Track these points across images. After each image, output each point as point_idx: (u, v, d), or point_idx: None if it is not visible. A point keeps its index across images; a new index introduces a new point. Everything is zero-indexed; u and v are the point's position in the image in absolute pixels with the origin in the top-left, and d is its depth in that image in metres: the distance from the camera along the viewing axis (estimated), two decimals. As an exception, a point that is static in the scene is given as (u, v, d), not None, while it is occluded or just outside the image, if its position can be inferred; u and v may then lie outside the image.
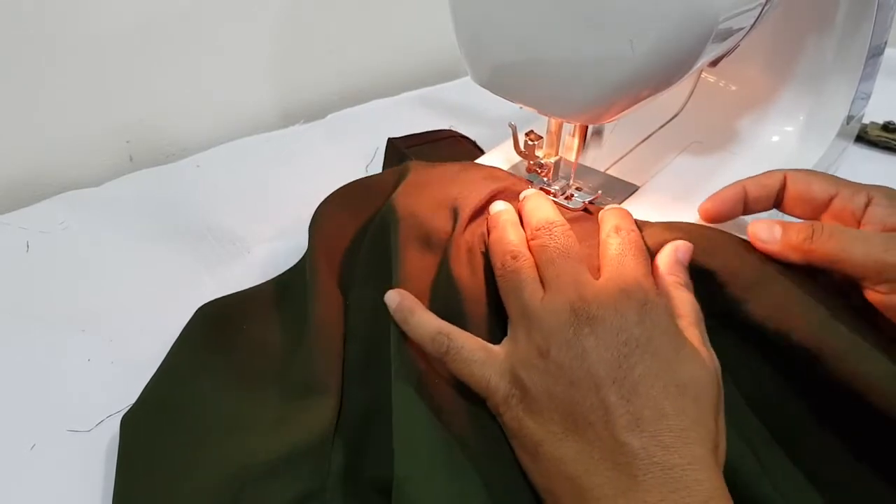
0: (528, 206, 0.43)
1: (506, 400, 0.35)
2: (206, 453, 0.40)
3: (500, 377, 0.36)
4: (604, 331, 0.35)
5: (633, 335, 0.35)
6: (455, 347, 0.37)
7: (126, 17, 0.64)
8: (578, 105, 0.40)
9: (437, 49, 0.85)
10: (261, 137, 0.71)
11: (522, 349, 0.36)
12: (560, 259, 0.39)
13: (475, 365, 0.37)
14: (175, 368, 0.45)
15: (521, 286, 0.38)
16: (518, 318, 0.37)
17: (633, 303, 0.36)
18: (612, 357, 0.34)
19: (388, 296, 0.40)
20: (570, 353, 0.35)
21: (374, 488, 0.38)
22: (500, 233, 0.41)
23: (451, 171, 0.47)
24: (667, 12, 0.34)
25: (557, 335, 0.35)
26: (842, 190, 0.42)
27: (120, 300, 0.52)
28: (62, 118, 0.65)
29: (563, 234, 0.40)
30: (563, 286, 0.37)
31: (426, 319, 0.38)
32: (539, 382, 0.35)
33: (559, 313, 0.36)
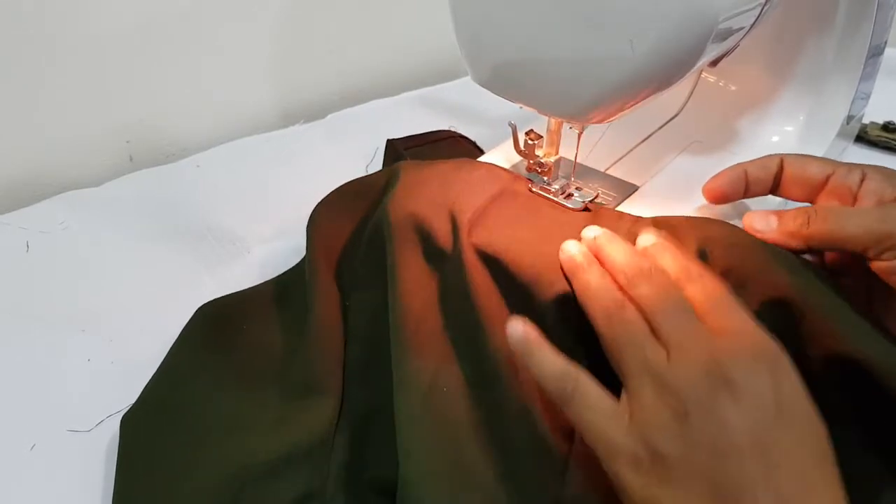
0: (609, 249, 0.40)
1: (633, 463, 0.33)
2: (206, 453, 0.40)
3: (627, 437, 0.33)
4: (743, 397, 0.32)
5: (774, 402, 0.33)
6: (581, 393, 0.35)
7: (126, 17, 0.64)
8: (578, 105, 0.40)
9: (437, 49, 0.85)
10: (261, 137, 0.71)
11: (653, 411, 0.33)
12: (673, 312, 0.36)
13: (600, 416, 0.34)
14: (175, 368, 0.45)
15: (639, 342, 0.35)
16: (640, 377, 0.35)
17: (765, 365, 0.34)
18: (756, 427, 0.32)
19: (513, 326, 0.37)
20: (711, 421, 0.32)
21: (374, 488, 0.38)
22: (591, 279, 0.38)
23: (446, 170, 0.46)
24: (667, 12, 0.34)
25: (695, 400, 0.33)
26: (837, 169, 0.42)
27: (120, 300, 0.52)
28: (62, 118, 0.65)
29: (664, 281, 0.37)
30: (687, 344, 0.35)
31: (553, 357, 0.36)
32: (677, 449, 0.32)
33: (693, 377, 0.33)
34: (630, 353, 0.35)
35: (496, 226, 0.43)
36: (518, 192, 0.46)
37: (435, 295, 0.41)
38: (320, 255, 0.47)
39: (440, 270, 0.42)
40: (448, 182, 0.45)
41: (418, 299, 0.41)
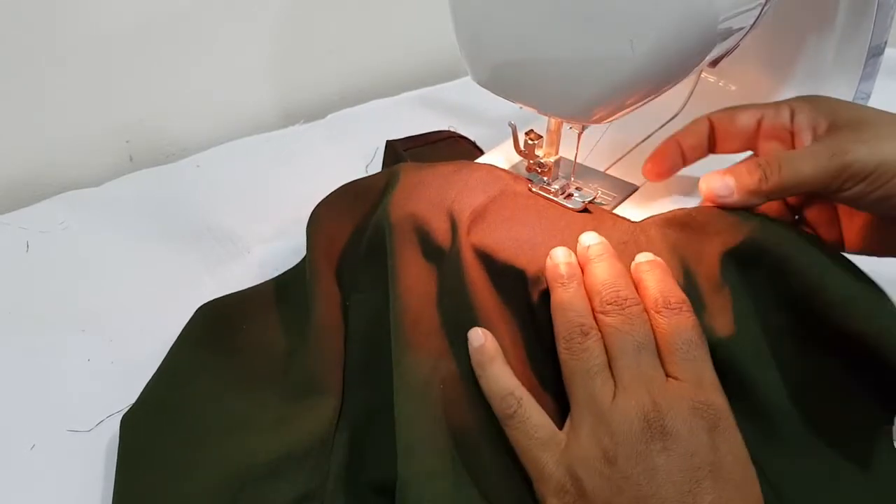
0: (593, 266, 0.40)
1: (558, 493, 0.34)
2: (206, 453, 0.40)
3: (557, 466, 0.34)
4: (676, 449, 0.33)
5: (707, 460, 0.33)
6: (522, 416, 0.36)
7: (126, 18, 0.64)
8: (578, 105, 0.40)
9: (437, 49, 0.85)
10: (261, 137, 0.71)
11: (586, 446, 0.34)
12: (633, 352, 0.36)
13: (535, 443, 0.35)
14: (175, 368, 0.45)
15: (591, 374, 0.36)
16: (583, 409, 0.35)
17: (706, 422, 0.34)
18: (683, 480, 0.32)
19: (474, 333, 0.38)
20: (639, 468, 0.33)
21: (373, 488, 0.38)
22: (566, 296, 0.38)
23: (445, 172, 0.46)
24: (667, 12, 0.34)
25: (627, 445, 0.33)
26: (765, 112, 0.42)
27: (120, 300, 0.52)
28: (62, 118, 0.65)
29: (637, 318, 0.37)
30: (636, 386, 0.35)
31: (503, 374, 0.37)
32: (600, 489, 0.33)
33: (631, 420, 0.34)
34: (580, 384, 0.36)
35: (495, 225, 0.43)
36: (518, 193, 0.46)
37: (434, 293, 0.41)
38: (320, 255, 0.47)
39: (439, 269, 0.42)
40: (448, 183, 0.45)
41: (417, 297, 0.41)
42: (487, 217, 0.43)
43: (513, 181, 0.47)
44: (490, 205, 0.44)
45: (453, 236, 0.42)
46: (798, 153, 0.40)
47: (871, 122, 0.39)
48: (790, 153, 0.40)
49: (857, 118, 0.40)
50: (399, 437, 0.36)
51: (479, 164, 0.49)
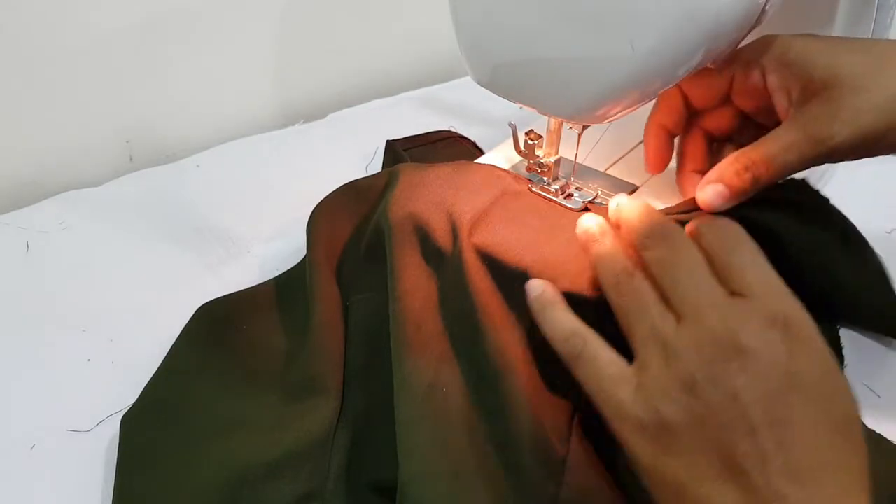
0: (628, 210, 0.39)
1: (640, 430, 0.32)
2: (206, 453, 0.40)
3: (634, 403, 0.32)
4: (754, 367, 0.31)
5: (788, 372, 0.31)
6: (589, 354, 0.34)
7: (126, 17, 0.64)
8: (578, 105, 0.40)
9: (437, 49, 0.85)
10: (261, 137, 0.71)
11: (661, 378, 0.32)
12: (687, 276, 0.35)
13: (607, 381, 0.34)
14: (175, 368, 0.45)
15: (647, 308, 0.34)
16: (649, 344, 0.34)
17: (781, 333, 0.32)
18: (768, 398, 0.31)
19: (532, 284, 0.37)
20: (720, 392, 0.31)
21: (373, 489, 0.38)
22: (603, 249, 0.38)
23: (445, 173, 0.46)
24: (667, 12, 0.34)
25: (703, 370, 0.32)
26: (735, 70, 0.43)
27: (120, 300, 0.52)
28: (62, 118, 0.65)
29: (682, 243, 0.36)
30: (697, 310, 0.33)
31: (563, 316, 0.36)
32: (683, 420, 0.31)
33: (702, 345, 0.32)
34: (638, 320, 0.35)
35: (497, 226, 0.43)
36: (519, 193, 0.46)
37: (434, 295, 0.41)
38: (321, 256, 0.47)
39: (440, 271, 0.42)
40: (448, 184, 0.45)
41: (418, 300, 0.41)
42: (489, 218, 0.43)
43: (514, 181, 0.47)
44: (492, 206, 0.44)
45: (454, 239, 0.42)
46: (781, 148, 0.40)
47: (846, 84, 0.39)
48: (773, 149, 0.40)
49: (830, 76, 0.39)
50: (400, 440, 0.36)
51: (480, 164, 0.49)
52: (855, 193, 0.63)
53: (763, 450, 0.30)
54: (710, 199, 0.40)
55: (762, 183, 0.40)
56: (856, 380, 0.47)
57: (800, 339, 0.32)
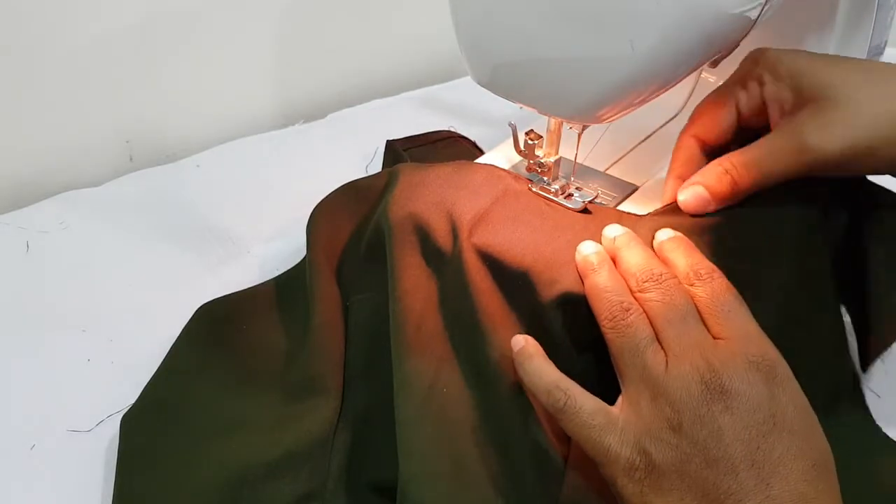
0: (624, 253, 0.40)
1: (629, 472, 0.33)
2: (206, 453, 0.40)
3: (622, 446, 0.34)
4: (738, 407, 0.33)
5: (770, 413, 0.33)
6: (573, 406, 0.35)
7: (127, 18, 0.64)
8: (578, 105, 0.40)
9: (437, 49, 0.85)
10: (261, 137, 0.71)
11: (648, 419, 0.34)
12: (678, 320, 0.36)
13: (594, 430, 0.34)
14: (175, 368, 0.45)
15: (640, 348, 0.36)
16: (638, 383, 0.35)
17: (761, 374, 0.34)
18: (750, 437, 0.32)
19: (515, 340, 0.38)
20: (705, 431, 0.33)
21: (373, 489, 0.38)
22: (601, 280, 0.38)
23: (445, 173, 0.46)
24: (667, 12, 0.34)
25: (690, 410, 0.33)
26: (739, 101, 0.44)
27: (120, 300, 0.52)
28: (62, 118, 0.65)
29: (675, 289, 0.37)
30: (686, 352, 0.35)
31: (545, 369, 0.36)
32: (670, 459, 0.33)
33: (689, 386, 0.34)
34: (629, 359, 0.36)
35: (498, 226, 0.42)
36: (520, 193, 0.46)
37: (435, 296, 0.41)
38: (321, 256, 0.47)
39: (440, 272, 0.42)
40: (448, 184, 0.45)
41: (418, 300, 0.41)
42: (490, 218, 0.43)
43: (514, 181, 0.47)
44: (492, 206, 0.44)
45: (454, 239, 0.42)
46: (764, 153, 0.41)
47: (839, 97, 0.39)
48: (756, 154, 0.41)
49: (820, 88, 0.40)
50: (400, 440, 0.36)
51: (480, 164, 0.49)
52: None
53: (744, 487, 0.31)
54: (688, 201, 0.42)
55: (742, 188, 0.41)
56: (856, 380, 0.47)
57: (779, 380, 0.34)
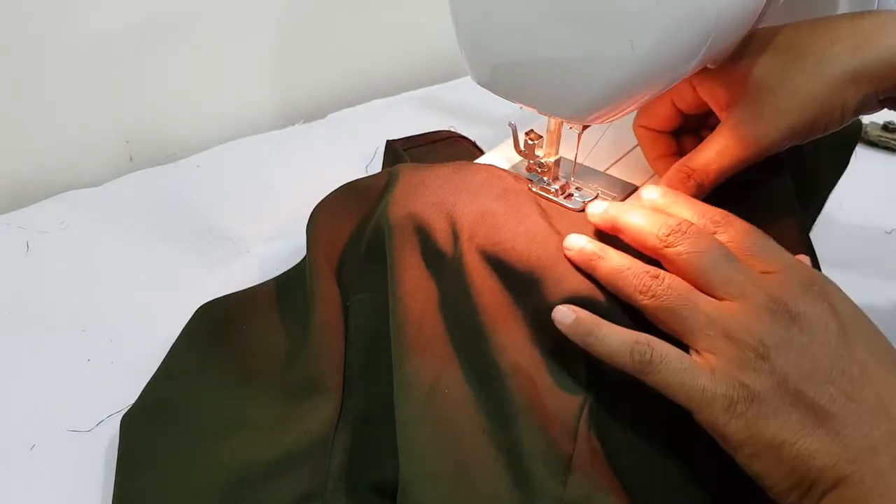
0: (628, 218, 0.40)
1: (729, 409, 0.34)
2: (207, 453, 0.40)
3: (717, 384, 0.34)
4: (811, 327, 0.35)
5: (838, 324, 0.35)
6: (660, 356, 0.35)
7: (127, 18, 0.64)
8: (578, 105, 0.40)
9: (437, 49, 0.85)
10: (261, 137, 0.72)
11: (733, 355, 0.34)
12: (721, 264, 0.37)
13: (685, 374, 0.34)
14: (175, 368, 0.45)
15: (691, 302, 0.36)
16: (706, 330, 0.35)
17: (817, 294, 0.36)
18: (832, 349, 0.34)
19: (561, 312, 0.37)
20: (792, 351, 0.34)
21: (374, 489, 0.38)
22: (612, 263, 0.38)
23: (445, 173, 0.46)
24: (667, 12, 0.34)
25: (771, 336, 0.34)
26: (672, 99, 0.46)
27: (120, 300, 0.52)
28: (63, 118, 0.65)
29: (702, 235, 0.38)
30: (743, 289, 0.36)
31: (616, 330, 0.36)
32: (768, 384, 0.34)
33: (761, 317, 0.35)
34: (686, 315, 0.36)
35: (499, 226, 0.42)
36: (520, 192, 0.46)
37: (435, 296, 0.41)
38: (321, 256, 0.47)
39: (440, 272, 0.42)
40: (448, 185, 0.45)
41: (418, 301, 0.41)
42: (491, 218, 0.43)
43: (514, 181, 0.47)
44: (493, 206, 0.44)
45: (455, 240, 0.42)
46: (714, 155, 0.43)
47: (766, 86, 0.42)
48: (708, 156, 0.43)
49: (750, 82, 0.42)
50: (401, 440, 0.36)
51: (480, 164, 0.49)
52: (855, 193, 0.63)
53: (844, 392, 0.33)
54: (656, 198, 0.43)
55: (707, 187, 0.43)
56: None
57: (832, 295, 0.36)
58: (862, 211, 0.60)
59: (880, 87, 0.40)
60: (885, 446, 0.32)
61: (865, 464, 0.32)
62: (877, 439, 0.32)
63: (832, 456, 0.32)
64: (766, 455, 0.33)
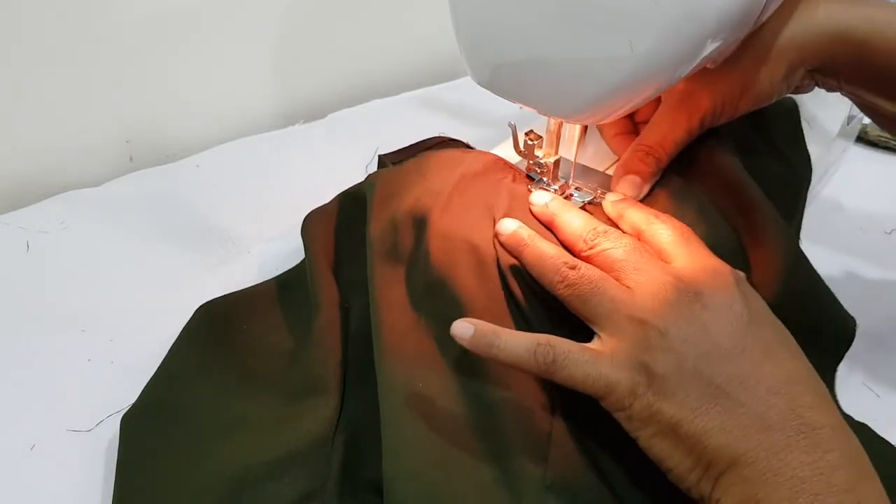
0: (564, 217, 0.42)
1: (632, 391, 0.34)
2: (207, 453, 0.40)
3: (619, 370, 0.35)
4: (715, 304, 0.35)
5: (743, 306, 0.35)
6: (562, 354, 0.35)
7: (126, 18, 0.64)
8: (578, 105, 0.40)
9: (437, 49, 0.85)
10: (261, 137, 0.71)
11: (635, 336, 0.35)
12: (631, 255, 0.38)
13: (588, 365, 0.35)
14: (175, 368, 0.45)
15: (600, 287, 0.37)
16: (612, 315, 0.36)
17: (727, 277, 0.37)
18: (734, 328, 0.35)
19: (459, 327, 0.36)
20: (692, 328, 0.35)
21: (373, 489, 0.38)
22: (536, 249, 0.40)
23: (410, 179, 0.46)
24: (665, 12, 0.34)
25: (672, 313, 0.35)
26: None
27: (120, 300, 0.52)
28: (63, 118, 0.65)
29: (623, 236, 0.40)
30: (650, 273, 0.37)
31: (516, 337, 0.36)
32: (667, 362, 0.34)
33: (664, 295, 0.36)
34: (596, 301, 0.37)
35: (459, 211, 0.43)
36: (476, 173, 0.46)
37: (404, 297, 0.41)
38: (321, 257, 0.47)
39: (409, 269, 0.42)
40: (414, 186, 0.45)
41: (390, 304, 0.41)
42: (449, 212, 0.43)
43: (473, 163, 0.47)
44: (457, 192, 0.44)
45: (419, 237, 0.42)
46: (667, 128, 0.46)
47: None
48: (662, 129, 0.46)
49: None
50: (384, 441, 0.36)
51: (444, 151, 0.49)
52: (855, 193, 0.63)
53: (742, 371, 0.33)
54: (628, 191, 0.46)
55: (664, 162, 0.46)
56: (856, 380, 0.47)
57: (743, 283, 0.37)
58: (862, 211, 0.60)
59: (804, 55, 0.42)
60: (780, 426, 0.32)
61: (761, 443, 0.32)
62: (772, 418, 0.32)
63: (727, 434, 0.33)
64: (666, 435, 0.34)
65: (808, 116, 0.56)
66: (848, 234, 0.59)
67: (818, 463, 0.31)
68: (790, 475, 0.31)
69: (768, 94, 0.44)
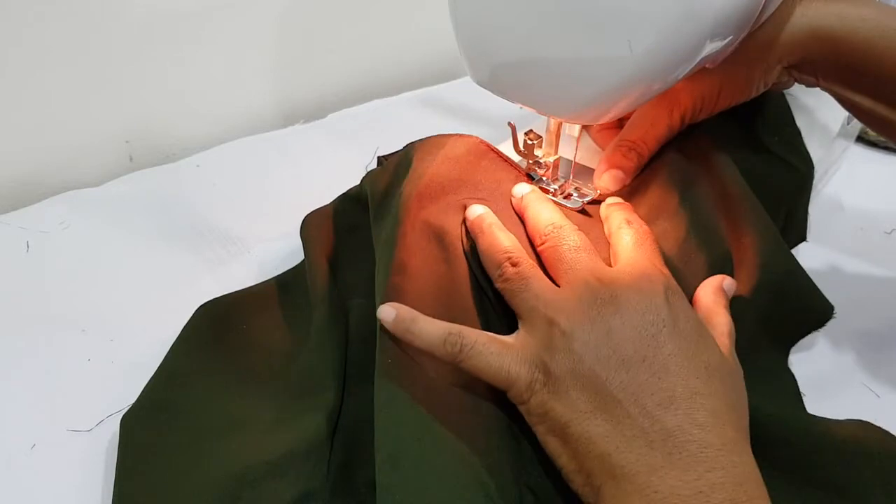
0: (531, 210, 0.43)
1: (529, 386, 0.35)
2: (207, 453, 0.40)
3: (520, 365, 0.35)
4: (628, 310, 0.35)
5: (661, 316, 0.35)
6: (469, 343, 0.36)
7: (126, 18, 0.64)
8: (578, 105, 0.40)
9: (437, 49, 0.85)
10: (261, 137, 0.71)
11: (542, 334, 0.36)
12: (571, 253, 0.39)
13: (493, 357, 0.36)
14: (175, 368, 0.45)
15: (530, 283, 0.38)
16: (532, 310, 0.37)
17: (657, 286, 0.36)
18: (640, 336, 0.34)
19: (383, 311, 0.37)
20: (595, 332, 0.35)
21: (373, 488, 0.38)
22: (489, 238, 0.40)
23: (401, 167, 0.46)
24: (665, 12, 0.35)
25: (579, 314, 0.35)
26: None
27: (120, 300, 0.52)
28: (62, 118, 0.65)
29: (573, 233, 0.40)
30: (578, 273, 0.38)
31: (430, 324, 0.37)
32: (563, 363, 0.34)
33: (579, 296, 0.36)
34: (524, 297, 0.38)
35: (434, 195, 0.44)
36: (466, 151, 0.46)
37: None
38: (321, 257, 0.47)
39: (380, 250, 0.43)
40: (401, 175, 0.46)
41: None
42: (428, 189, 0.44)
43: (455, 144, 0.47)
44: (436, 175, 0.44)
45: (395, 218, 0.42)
46: (648, 124, 0.47)
47: None
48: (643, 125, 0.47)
49: None
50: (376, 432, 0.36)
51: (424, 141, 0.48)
52: (855, 193, 0.63)
53: (637, 381, 0.33)
54: (610, 185, 0.47)
55: (645, 157, 0.47)
56: (855, 380, 0.47)
57: (671, 292, 0.37)
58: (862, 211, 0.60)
59: (781, 53, 0.43)
60: (661, 442, 0.32)
61: (641, 457, 0.32)
62: (656, 433, 0.32)
63: (608, 444, 0.32)
64: (556, 434, 0.34)
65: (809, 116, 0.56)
66: (848, 234, 0.59)
67: (697, 482, 0.31)
68: (668, 492, 0.31)
69: (746, 91, 0.45)
